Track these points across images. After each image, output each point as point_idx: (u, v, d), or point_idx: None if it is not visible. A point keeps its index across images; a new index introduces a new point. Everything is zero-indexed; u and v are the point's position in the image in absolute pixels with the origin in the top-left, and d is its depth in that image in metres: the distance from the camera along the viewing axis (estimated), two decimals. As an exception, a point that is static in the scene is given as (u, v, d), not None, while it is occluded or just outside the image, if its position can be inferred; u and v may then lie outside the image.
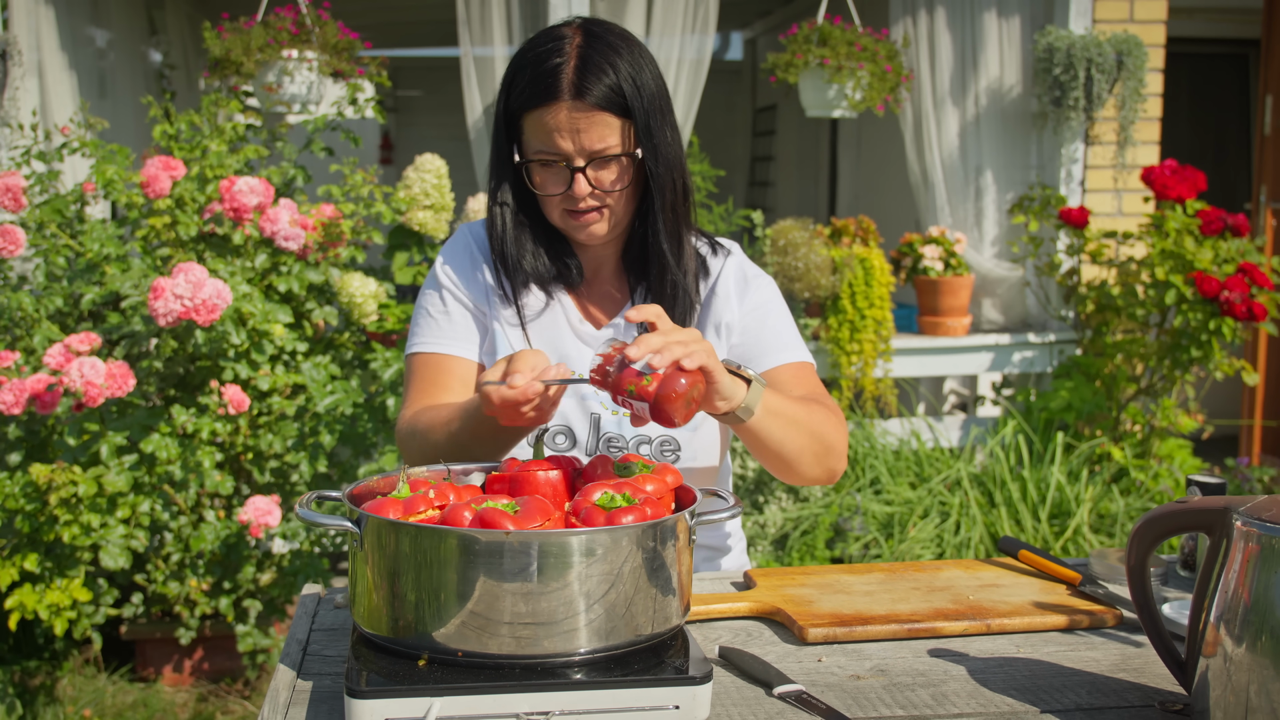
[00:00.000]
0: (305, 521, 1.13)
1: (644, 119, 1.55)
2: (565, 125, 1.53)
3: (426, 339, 1.69)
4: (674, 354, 1.29)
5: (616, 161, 1.56)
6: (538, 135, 1.56)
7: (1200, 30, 5.87)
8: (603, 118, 1.53)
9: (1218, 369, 4.09)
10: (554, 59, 1.54)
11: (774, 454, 1.52)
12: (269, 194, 3.24)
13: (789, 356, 1.67)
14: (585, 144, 1.54)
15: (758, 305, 1.70)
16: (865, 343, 4.19)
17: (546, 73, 1.53)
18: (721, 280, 1.71)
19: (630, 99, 1.54)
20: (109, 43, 4.83)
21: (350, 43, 3.94)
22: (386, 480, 1.26)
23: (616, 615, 1.12)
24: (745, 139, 8.81)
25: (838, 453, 1.58)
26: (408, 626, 1.11)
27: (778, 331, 1.69)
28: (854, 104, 4.21)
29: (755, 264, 1.77)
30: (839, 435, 1.58)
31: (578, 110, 1.52)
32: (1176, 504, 1.16)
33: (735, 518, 1.24)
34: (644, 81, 1.56)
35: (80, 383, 2.78)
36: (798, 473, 1.56)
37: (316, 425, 3.33)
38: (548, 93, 1.53)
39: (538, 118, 1.54)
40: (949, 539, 3.85)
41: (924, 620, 1.38)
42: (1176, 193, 4.02)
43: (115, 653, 3.63)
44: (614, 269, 1.72)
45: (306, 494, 1.19)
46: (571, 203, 1.58)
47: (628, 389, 1.30)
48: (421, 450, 1.59)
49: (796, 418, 1.51)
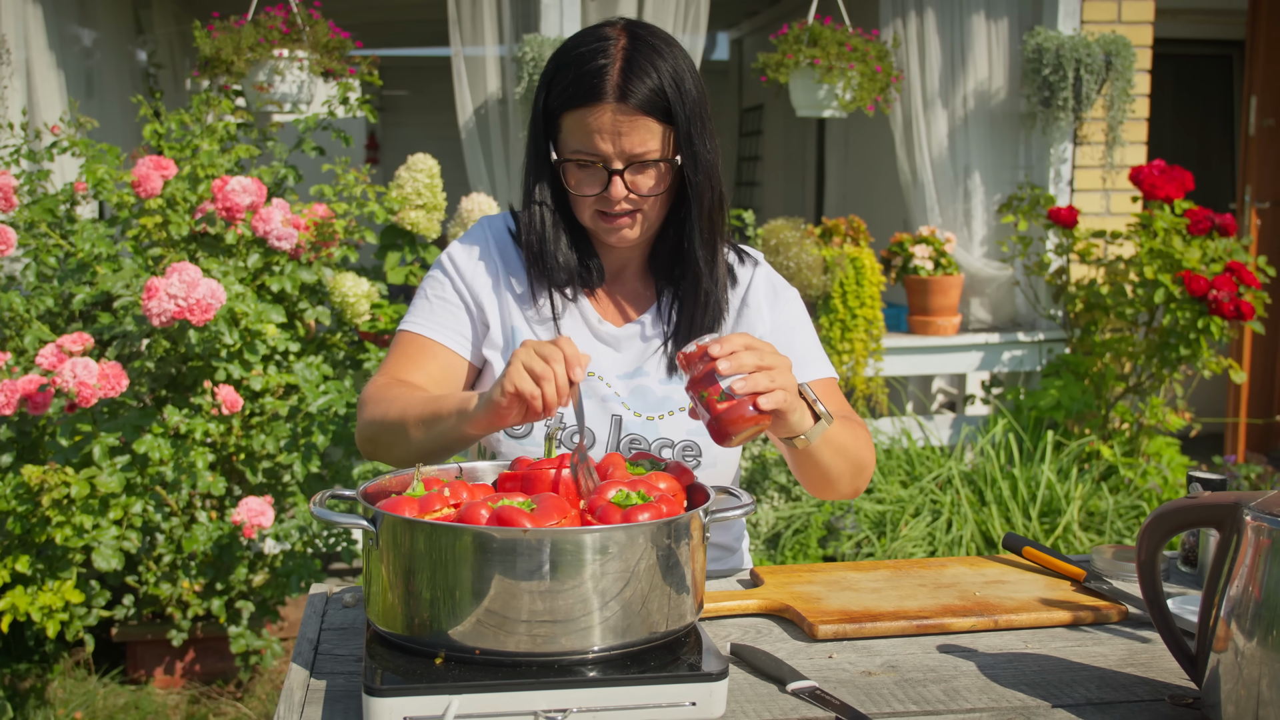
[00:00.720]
0: (320, 520, 1.13)
1: (685, 125, 1.54)
2: (608, 127, 1.51)
3: (420, 320, 1.67)
4: (757, 386, 1.31)
5: (655, 167, 1.55)
6: (577, 135, 1.54)
7: (1185, 31, 5.91)
8: (645, 122, 1.52)
9: (1205, 367, 4.12)
10: (599, 59, 1.52)
11: (817, 476, 1.54)
12: (262, 193, 3.23)
13: (817, 373, 1.68)
14: (626, 147, 1.52)
15: (787, 319, 1.71)
16: (856, 342, 4.20)
17: (591, 73, 1.52)
18: (752, 291, 1.71)
19: (673, 104, 1.53)
20: (95, 42, 4.81)
21: (341, 42, 3.93)
22: (399, 479, 1.26)
23: (632, 612, 1.12)
24: (732, 139, 8.83)
25: (868, 472, 1.61)
26: (424, 625, 1.11)
27: (806, 347, 1.70)
28: (844, 104, 4.23)
29: (779, 275, 1.77)
30: (871, 455, 1.61)
31: (621, 113, 1.51)
32: (1187, 499, 1.17)
33: (748, 514, 1.25)
34: (687, 88, 1.55)
35: (73, 383, 2.76)
36: (833, 491, 1.58)
37: (309, 426, 3.31)
38: (591, 93, 1.51)
39: (579, 118, 1.53)
40: (940, 537, 3.87)
41: (932, 616, 1.39)
42: (1165, 192, 4.05)
43: (106, 655, 3.61)
44: (638, 270, 1.72)
45: (320, 493, 1.19)
46: (606, 204, 1.57)
47: (700, 393, 1.32)
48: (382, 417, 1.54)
49: (844, 445, 1.53)
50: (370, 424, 1.57)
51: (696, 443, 1.63)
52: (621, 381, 1.66)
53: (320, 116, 3.62)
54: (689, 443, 1.63)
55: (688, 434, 1.63)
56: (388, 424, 1.53)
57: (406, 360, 1.65)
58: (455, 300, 1.68)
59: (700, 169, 1.57)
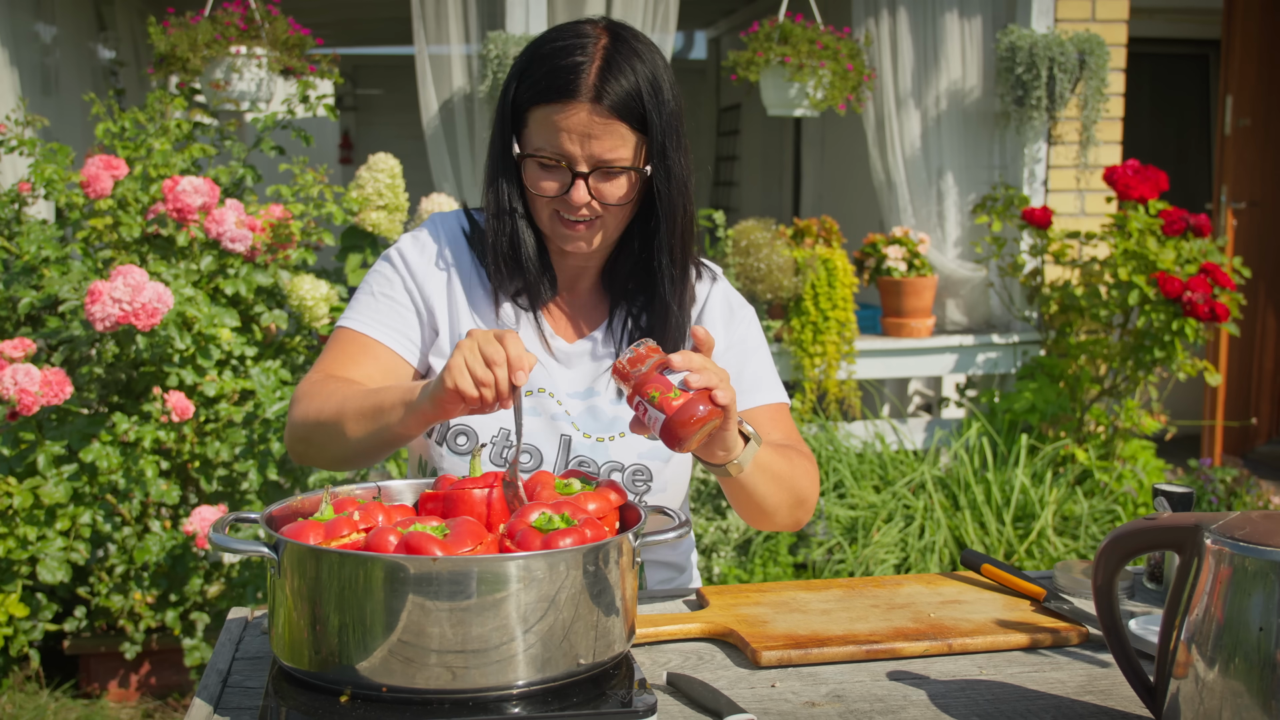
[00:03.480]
0: (217, 548, 1.05)
1: (660, 137, 1.46)
2: (578, 128, 1.43)
3: (362, 317, 1.56)
4: (710, 381, 1.25)
5: (623, 176, 1.47)
6: (543, 132, 1.45)
7: (1161, 30, 5.87)
8: (618, 127, 1.44)
9: (1180, 370, 4.08)
10: (577, 55, 1.43)
11: (754, 506, 1.47)
12: (214, 194, 3.14)
13: (768, 397, 1.61)
14: (595, 151, 1.44)
15: (742, 339, 1.64)
16: (828, 344, 4.14)
17: (567, 69, 1.43)
18: (708, 309, 1.64)
19: (650, 112, 1.45)
20: (54, 39, 4.70)
21: (301, 39, 3.84)
22: (311, 500, 1.18)
23: (553, 645, 1.05)
24: (709, 138, 8.76)
25: (809, 506, 1.54)
26: (328, 660, 1.04)
27: (759, 369, 1.63)
28: (815, 103, 4.16)
29: (736, 292, 1.70)
30: (813, 488, 1.54)
31: (595, 115, 1.42)
32: (1145, 521, 1.11)
33: (684, 537, 1.18)
34: (665, 97, 1.47)
35: (14, 390, 2.67)
36: (770, 522, 1.52)
37: (265, 432, 3.23)
38: (566, 90, 1.42)
39: (547, 114, 1.44)
40: (913, 543, 3.81)
41: (883, 641, 1.32)
42: (1139, 193, 4.00)
43: (58, 668, 3.51)
44: (592, 283, 1.63)
45: (222, 516, 1.11)
46: (566, 208, 1.48)
47: (650, 394, 1.24)
48: (304, 414, 1.46)
49: (781, 474, 1.47)
50: (303, 422, 1.46)
51: (647, 466, 1.55)
52: (573, 400, 1.58)
53: (279, 116, 3.53)
54: (639, 466, 1.55)
55: (639, 457, 1.56)
56: (322, 421, 1.43)
57: (344, 358, 1.54)
58: (404, 300, 1.57)
59: (673, 183, 1.49)
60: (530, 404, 1.56)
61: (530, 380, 1.56)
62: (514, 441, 1.54)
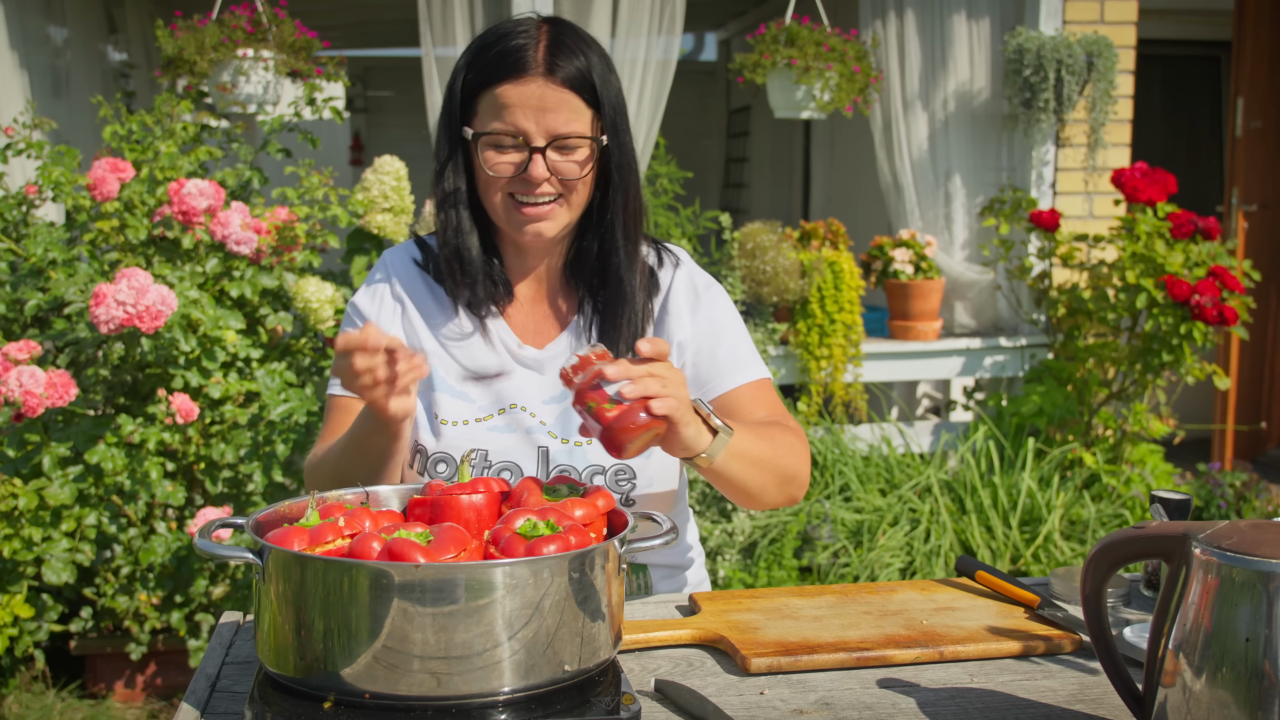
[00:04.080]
0: (202, 553, 1.05)
1: (611, 113, 1.49)
2: (532, 100, 1.44)
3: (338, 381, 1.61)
4: (648, 390, 1.25)
5: (580, 149, 1.48)
6: (495, 112, 1.46)
7: (1172, 32, 5.84)
8: (572, 99, 1.45)
9: (1189, 373, 4.05)
10: (522, 39, 1.47)
11: (735, 490, 1.46)
12: (219, 197, 3.15)
13: (747, 375, 1.59)
14: (550, 124, 1.45)
15: (712, 321, 1.62)
16: (835, 347, 4.13)
17: (516, 48, 1.46)
18: (673, 295, 1.62)
19: (600, 88, 1.48)
20: (65, 41, 4.72)
21: (308, 41, 3.85)
22: (298, 505, 1.18)
23: (537, 652, 1.05)
24: (720, 140, 8.75)
25: (800, 480, 1.52)
26: (312, 666, 1.04)
27: (734, 348, 1.61)
28: (822, 105, 4.15)
29: (706, 272, 1.68)
30: (802, 462, 1.52)
31: (549, 86, 1.44)
32: (1133, 529, 1.10)
33: (669, 543, 1.17)
34: (610, 80, 1.50)
35: (19, 392, 2.69)
36: (759, 503, 1.50)
37: (270, 434, 3.24)
38: (518, 65, 1.44)
39: (500, 94, 1.45)
40: (919, 547, 3.80)
41: (874, 648, 1.32)
42: (1147, 195, 3.98)
43: (65, 668, 3.53)
44: (555, 287, 1.63)
45: (207, 522, 1.11)
46: (524, 189, 1.48)
47: (587, 404, 1.25)
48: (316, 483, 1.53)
49: (760, 456, 1.45)
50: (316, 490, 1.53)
51: (629, 465, 1.55)
52: (547, 408, 1.58)
53: (285, 118, 3.54)
54: (621, 466, 1.55)
55: (618, 460, 1.56)
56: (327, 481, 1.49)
57: (338, 426, 1.59)
58: None
59: (626, 163, 1.52)
60: (504, 421, 1.56)
61: (503, 397, 1.57)
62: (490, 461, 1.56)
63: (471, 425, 1.55)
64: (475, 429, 1.55)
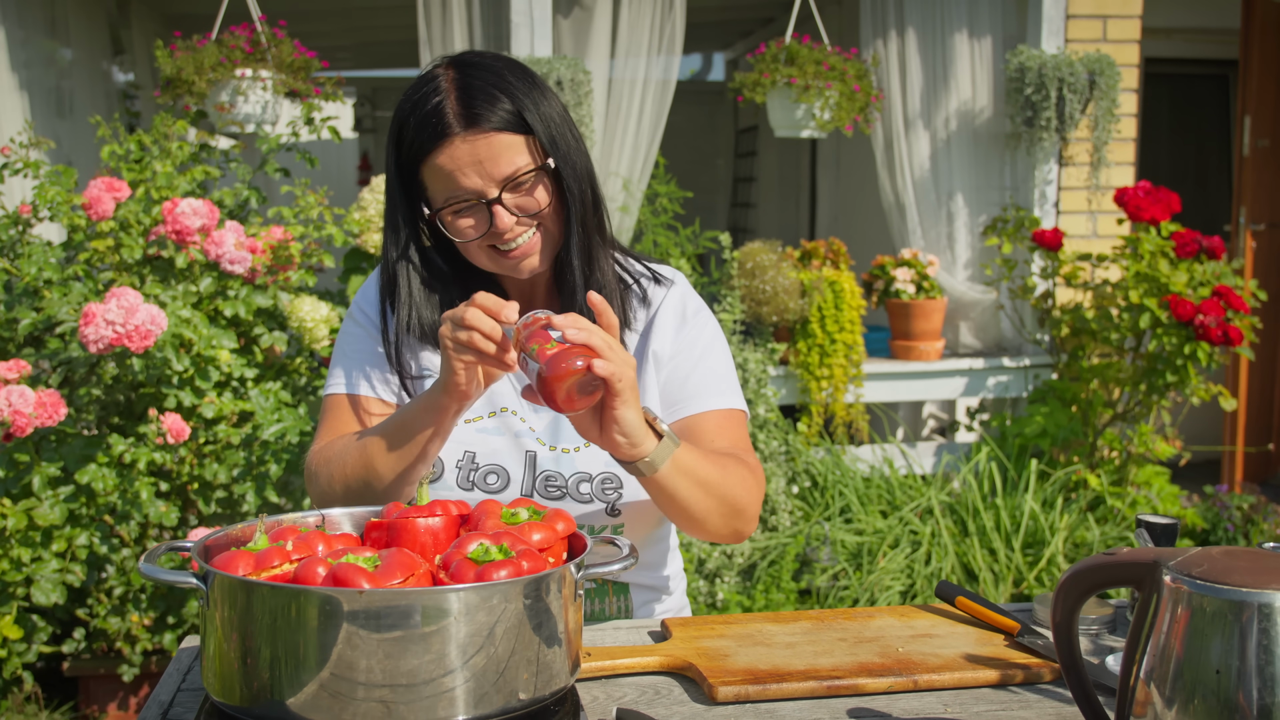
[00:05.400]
0: (146, 578, 1.03)
1: (546, 129, 1.46)
2: (466, 159, 1.42)
3: (342, 380, 1.60)
4: (592, 341, 1.23)
5: (533, 179, 1.46)
6: (439, 181, 1.45)
7: (1180, 51, 5.81)
8: (503, 139, 1.43)
9: (1194, 394, 4.00)
10: (433, 99, 1.44)
11: (678, 510, 1.43)
12: (213, 216, 3.15)
13: (718, 403, 1.57)
14: (493, 172, 1.43)
15: (694, 343, 1.60)
16: (835, 367, 4.10)
17: (429, 113, 1.43)
18: (661, 311, 1.61)
19: (526, 114, 1.44)
20: (70, 62, 4.75)
21: (306, 61, 3.85)
22: (248, 529, 1.16)
23: (489, 680, 1.02)
24: (728, 160, 8.74)
25: (747, 516, 1.49)
26: (257, 695, 1.01)
27: (711, 374, 1.59)
28: (822, 124, 4.14)
29: (700, 298, 1.67)
30: (751, 498, 1.49)
31: (473, 139, 1.42)
32: (1103, 556, 1.07)
33: (628, 568, 1.15)
34: (535, 96, 1.46)
35: (7, 412, 2.68)
36: (701, 530, 1.47)
37: (264, 454, 3.22)
38: (437, 132, 1.42)
39: (434, 164, 1.44)
40: (920, 569, 3.75)
41: (846, 676, 1.28)
42: (1150, 214, 3.94)
43: (58, 689, 3.51)
44: (544, 294, 1.62)
45: (157, 545, 1.09)
46: (498, 239, 1.47)
47: (531, 347, 1.24)
48: (327, 481, 1.49)
49: (707, 479, 1.41)
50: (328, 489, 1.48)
51: (615, 474, 1.53)
52: (536, 414, 1.58)
53: (283, 138, 3.54)
54: (608, 474, 1.53)
55: (605, 464, 1.54)
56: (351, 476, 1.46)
57: (338, 423, 1.57)
58: (374, 350, 1.59)
59: (573, 174, 1.48)
60: (494, 424, 1.56)
61: (495, 400, 1.57)
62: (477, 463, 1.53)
63: (461, 426, 1.54)
64: (464, 430, 1.54)
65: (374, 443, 1.44)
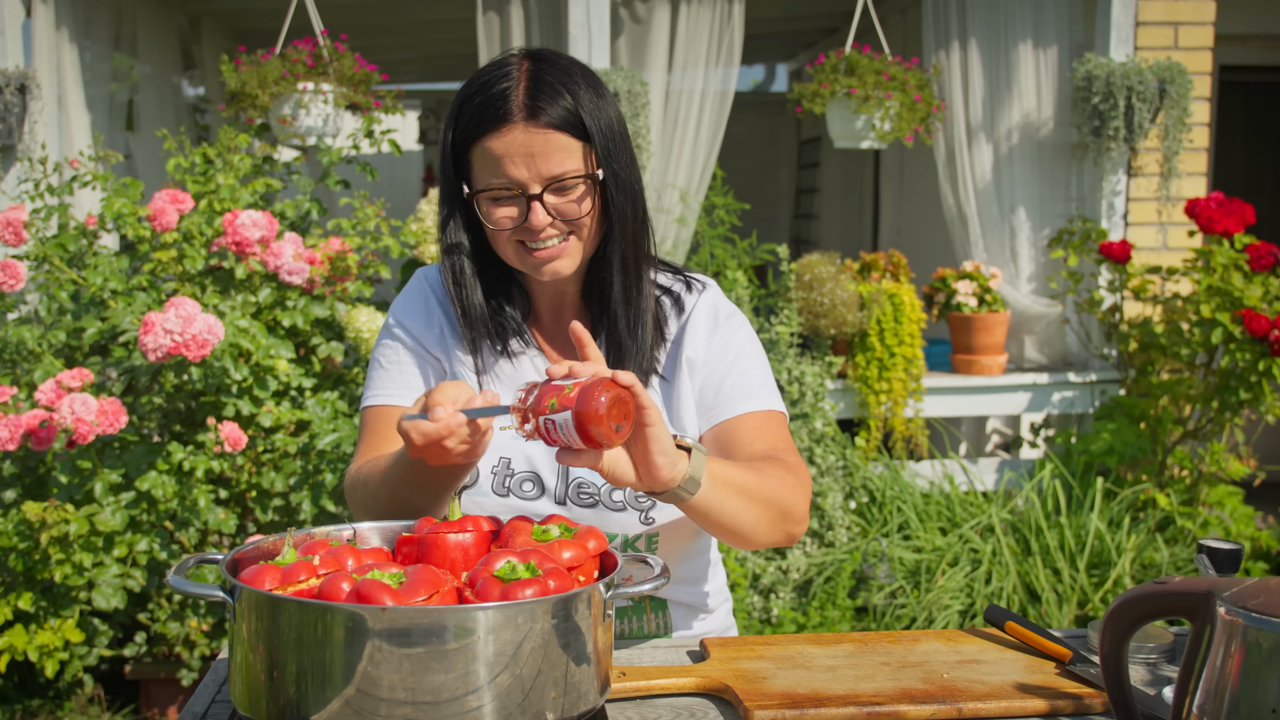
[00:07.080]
0: (175, 591, 1.03)
1: (604, 141, 1.44)
2: (519, 149, 1.41)
3: (378, 391, 1.59)
4: (601, 372, 1.18)
5: (579, 186, 1.45)
6: (487, 165, 1.44)
7: (1255, 58, 5.64)
8: (560, 139, 1.42)
9: (1269, 412, 3.87)
10: (502, 84, 1.43)
11: (727, 526, 1.37)
12: (273, 228, 3.19)
13: (756, 405, 1.54)
14: (542, 169, 1.42)
15: (727, 347, 1.58)
16: (894, 381, 4.03)
17: (495, 97, 1.42)
18: (694, 316, 1.59)
19: (588, 120, 1.43)
20: (141, 76, 4.86)
21: (367, 75, 3.89)
22: (278, 542, 1.16)
23: (514, 701, 1.00)
24: (790, 171, 8.69)
25: (796, 516, 1.44)
26: (283, 710, 1.00)
27: (745, 375, 1.56)
28: (882, 135, 4.08)
29: (732, 304, 1.64)
30: (798, 497, 1.44)
31: (532, 131, 1.41)
32: (1154, 584, 1.02)
33: (659, 588, 1.12)
34: (601, 105, 1.46)
35: (71, 420, 2.73)
36: (752, 542, 1.43)
37: (320, 463, 3.25)
38: (498, 115, 1.41)
39: (487, 146, 1.43)
40: (979, 589, 3.67)
41: (887, 703, 1.25)
42: (1223, 226, 3.82)
43: (121, 692, 3.57)
44: (576, 309, 1.61)
45: (186, 557, 1.09)
46: (529, 236, 1.46)
47: (549, 403, 1.16)
48: (363, 501, 1.49)
49: (748, 486, 1.37)
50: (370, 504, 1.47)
51: None
52: None
53: (344, 150, 3.59)
54: None
55: None
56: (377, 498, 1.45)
57: (376, 438, 1.56)
58: (411, 361, 1.59)
59: (622, 189, 1.47)
60: None
61: None
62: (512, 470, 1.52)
63: (496, 432, 1.53)
64: (500, 436, 1.53)
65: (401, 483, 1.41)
